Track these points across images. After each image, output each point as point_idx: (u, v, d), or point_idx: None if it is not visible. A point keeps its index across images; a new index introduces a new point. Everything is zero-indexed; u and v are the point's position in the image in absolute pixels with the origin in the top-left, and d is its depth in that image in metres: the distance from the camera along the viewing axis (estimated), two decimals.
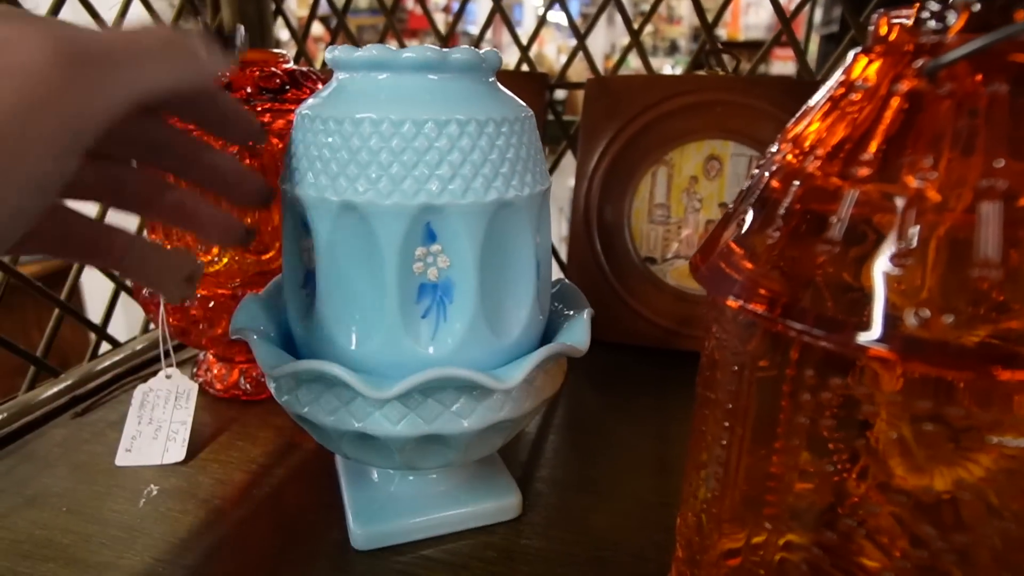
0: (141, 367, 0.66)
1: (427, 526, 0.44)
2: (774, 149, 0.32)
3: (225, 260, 0.54)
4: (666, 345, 0.69)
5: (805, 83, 0.68)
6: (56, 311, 0.61)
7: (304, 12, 0.91)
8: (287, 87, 0.54)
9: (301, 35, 0.84)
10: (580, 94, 0.73)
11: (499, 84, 0.40)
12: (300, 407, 0.39)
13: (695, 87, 0.68)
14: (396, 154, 0.34)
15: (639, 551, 0.43)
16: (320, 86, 0.56)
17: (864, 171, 0.23)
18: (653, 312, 0.70)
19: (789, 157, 0.29)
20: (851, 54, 0.28)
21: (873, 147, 0.23)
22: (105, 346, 0.67)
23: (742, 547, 0.30)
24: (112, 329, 0.67)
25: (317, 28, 2.83)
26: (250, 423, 0.56)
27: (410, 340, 0.37)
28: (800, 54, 0.74)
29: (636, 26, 0.77)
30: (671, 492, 0.49)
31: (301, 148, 0.37)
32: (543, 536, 0.45)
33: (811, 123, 0.29)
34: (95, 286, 0.65)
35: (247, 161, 0.51)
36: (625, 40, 0.82)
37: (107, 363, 0.65)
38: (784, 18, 0.72)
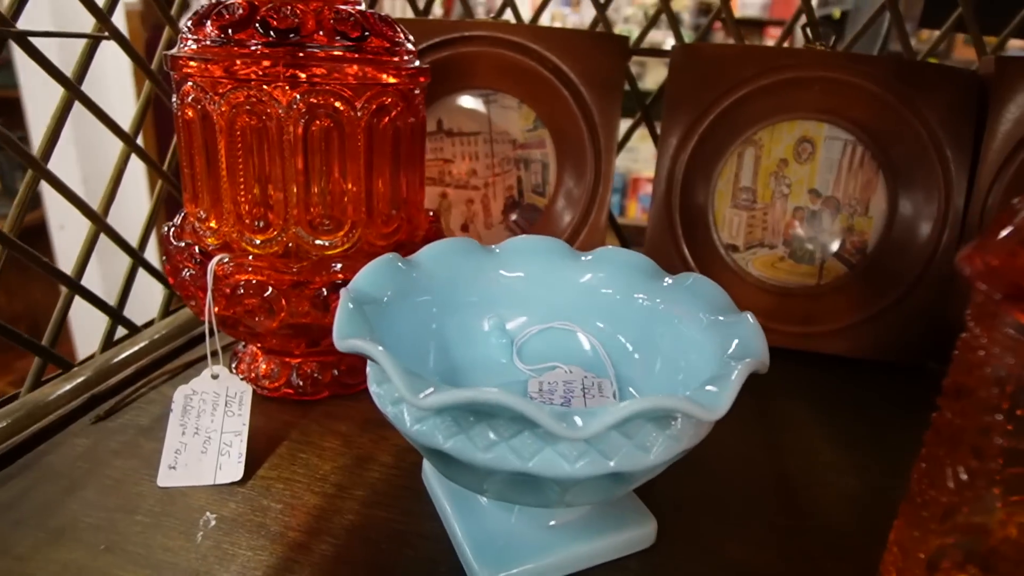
0: (167, 358, 0.57)
1: (559, 565, 0.37)
2: None
3: (284, 240, 0.45)
4: None
5: (915, 63, 0.62)
6: (64, 291, 0.51)
7: None
8: (367, 33, 0.45)
9: None
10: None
11: None
12: (440, 441, 0.31)
13: (794, 61, 0.61)
14: None
15: None
16: (407, 43, 0.48)
17: None
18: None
19: None
20: None
21: None
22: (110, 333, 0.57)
23: None
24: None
25: None
26: (311, 430, 0.48)
27: None
28: (904, 34, 0.67)
29: None
30: (798, 514, 0.43)
31: None
32: (682, 574, 0.38)
33: None
34: (98, 256, 0.54)
35: None
36: (629, 11, 0.74)
37: (126, 354, 0.55)
38: None
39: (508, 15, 0.73)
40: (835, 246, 0.64)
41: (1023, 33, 0.68)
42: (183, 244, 0.47)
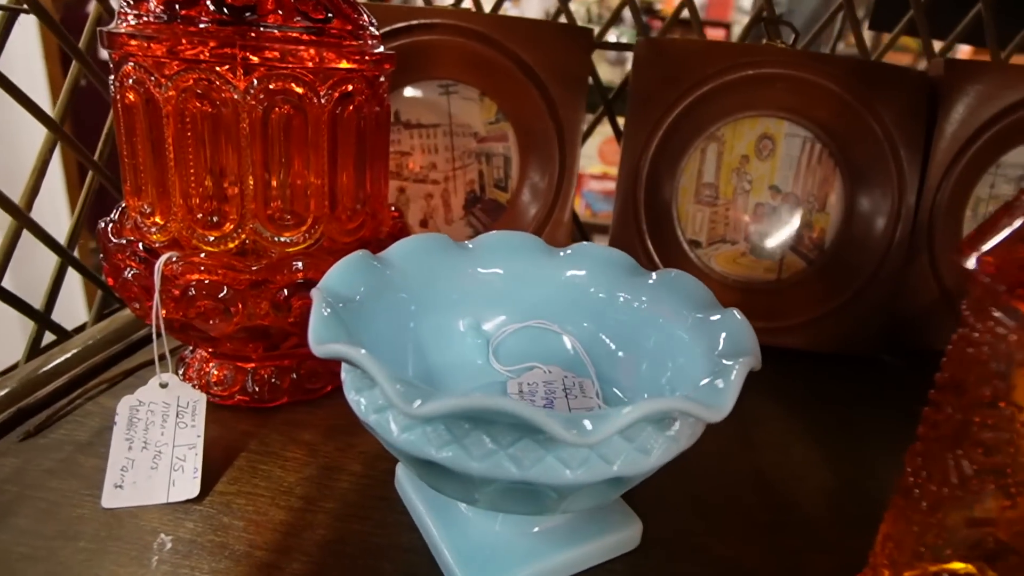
0: (103, 366, 0.52)
1: (547, 572, 0.35)
2: None
3: (242, 237, 0.42)
4: None
5: (871, 64, 0.62)
6: None
7: None
8: (330, 15, 0.42)
9: None
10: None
11: None
12: (433, 451, 0.28)
13: (757, 58, 0.61)
14: None
15: None
16: (370, 27, 0.45)
17: None
18: None
19: None
20: None
21: None
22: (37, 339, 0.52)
23: None
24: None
25: None
26: (271, 440, 0.45)
27: None
28: (859, 36, 0.68)
29: None
30: (778, 509, 0.43)
31: None
32: (669, 574, 0.37)
33: None
34: (21, 255, 0.50)
35: None
36: (572, 6, 0.73)
37: (56, 362, 0.50)
38: None
39: (468, 3, 0.71)
40: (794, 242, 0.64)
41: (971, 39, 0.69)
42: (124, 241, 0.43)
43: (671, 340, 0.38)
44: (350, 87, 0.43)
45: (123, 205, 0.46)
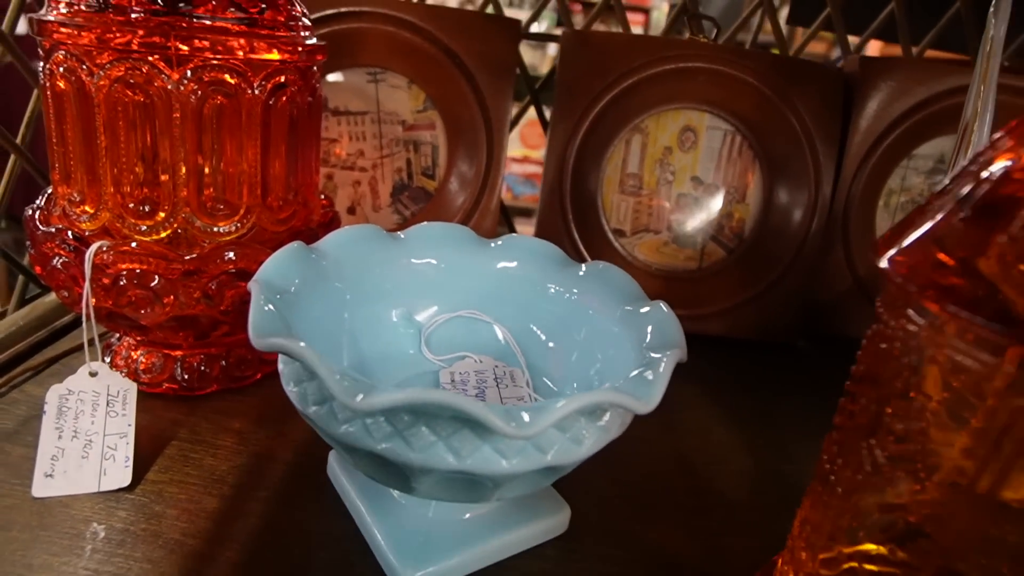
0: (26, 354, 0.51)
1: (481, 556, 0.37)
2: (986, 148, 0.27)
3: (174, 226, 0.42)
4: None
5: (791, 59, 0.66)
6: None
7: None
8: (264, 7, 0.42)
9: None
10: None
11: None
12: (373, 442, 0.30)
13: (680, 52, 0.63)
14: None
15: (699, 566, 0.40)
16: (303, 18, 0.45)
17: None
18: None
19: None
20: None
21: None
22: None
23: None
24: None
25: None
26: (201, 428, 0.45)
27: None
28: (778, 31, 0.71)
29: None
30: (699, 493, 0.46)
31: None
32: (597, 558, 0.39)
33: None
34: None
35: None
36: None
37: None
38: None
39: None
40: (714, 231, 0.67)
41: (884, 35, 0.74)
42: (53, 229, 0.43)
43: (600, 331, 0.40)
44: (283, 78, 0.43)
45: (49, 191, 0.45)
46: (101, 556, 0.35)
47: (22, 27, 0.53)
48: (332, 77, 0.65)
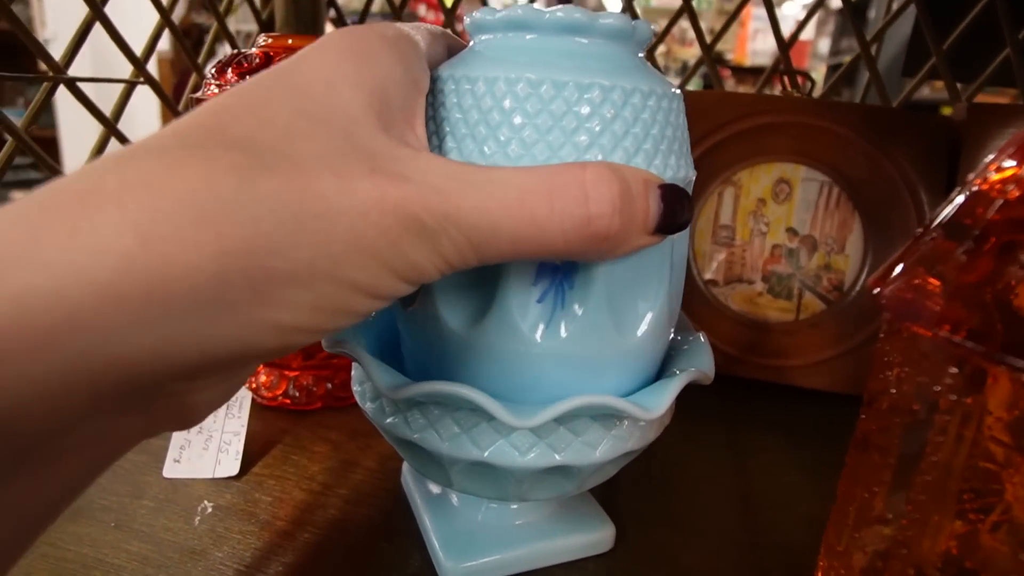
0: None
1: (521, 560, 0.40)
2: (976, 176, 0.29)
3: None
4: (727, 371, 0.66)
5: (886, 110, 0.66)
6: None
7: (359, 3, 0.87)
8: None
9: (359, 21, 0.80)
10: None
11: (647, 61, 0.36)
12: (410, 432, 0.35)
13: (770, 107, 0.66)
14: (530, 116, 0.31)
15: None
16: None
17: None
18: (715, 337, 0.67)
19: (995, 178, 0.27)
20: None
21: None
22: None
23: None
24: None
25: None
26: (303, 436, 0.52)
27: (522, 325, 0.32)
28: (879, 82, 0.72)
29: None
30: (759, 531, 0.46)
31: (429, 111, 0.33)
32: (634, 574, 0.41)
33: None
34: None
35: None
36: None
37: None
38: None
39: None
40: (812, 283, 0.67)
41: (995, 81, 0.72)
42: None
43: None
44: None
45: None
46: (207, 527, 0.42)
47: None
48: None
